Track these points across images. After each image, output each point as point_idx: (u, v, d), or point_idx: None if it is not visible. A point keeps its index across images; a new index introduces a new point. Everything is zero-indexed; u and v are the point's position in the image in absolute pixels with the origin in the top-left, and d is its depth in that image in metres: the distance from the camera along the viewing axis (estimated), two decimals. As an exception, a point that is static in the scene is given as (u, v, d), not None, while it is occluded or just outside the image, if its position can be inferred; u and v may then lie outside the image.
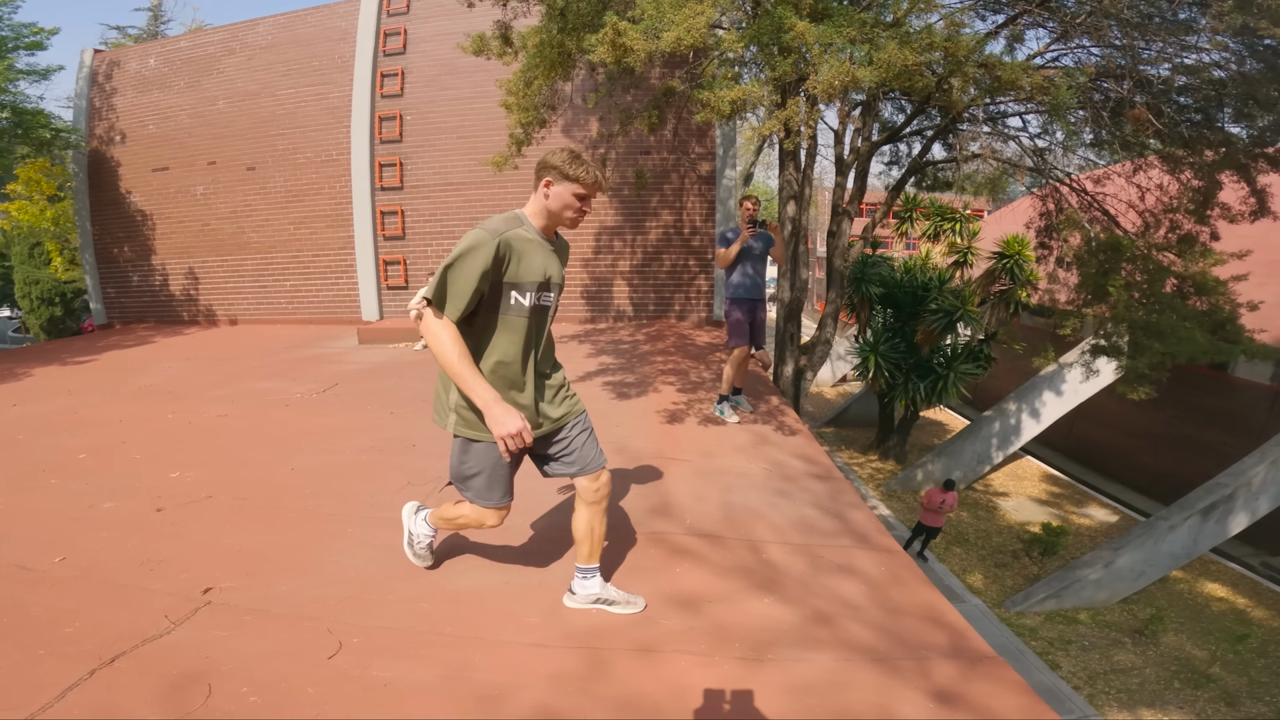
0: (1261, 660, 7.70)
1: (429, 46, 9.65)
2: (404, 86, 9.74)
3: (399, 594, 2.53)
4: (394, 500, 3.47)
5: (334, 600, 2.49)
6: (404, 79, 9.73)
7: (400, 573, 2.69)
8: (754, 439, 4.58)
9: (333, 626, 2.30)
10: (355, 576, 2.67)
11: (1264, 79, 4.52)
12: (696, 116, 4.61)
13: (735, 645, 2.23)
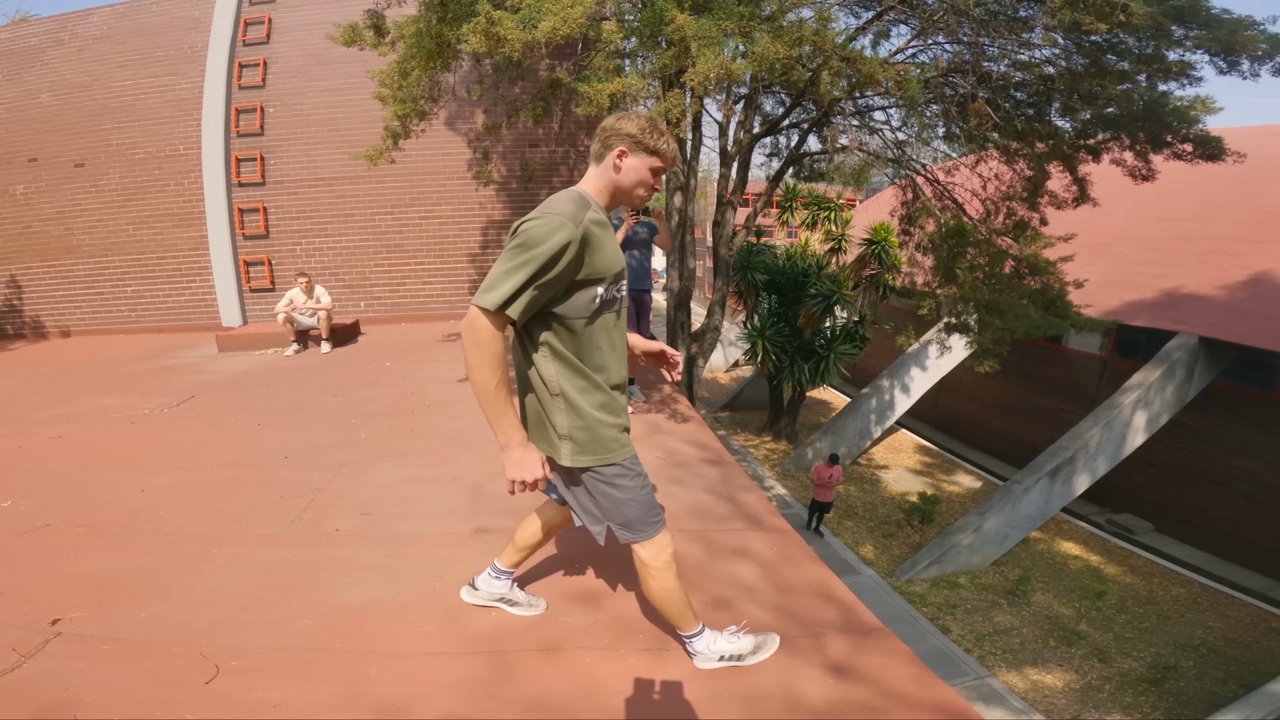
0: (1122, 616, 8.76)
1: (298, 36, 9.01)
2: (266, 77, 9.03)
3: (278, 613, 2.37)
4: (267, 517, 3.23)
5: (204, 624, 2.29)
6: (266, 70, 9.02)
7: (277, 591, 2.51)
8: (647, 428, 4.63)
9: (206, 650, 2.13)
10: (226, 599, 2.47)
11: (1087, 74, 5.10)
12: (577, 109, 4.58)
13: (639, 636, 2.24)
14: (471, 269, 9.35)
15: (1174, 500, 10.90)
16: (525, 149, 9.16)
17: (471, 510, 3.26)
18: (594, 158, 1.76)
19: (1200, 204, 11.72)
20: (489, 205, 9.29)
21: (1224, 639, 8.23)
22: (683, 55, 3.93)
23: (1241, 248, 10.64)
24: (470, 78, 7.42)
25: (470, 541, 2.94)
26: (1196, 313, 10.06)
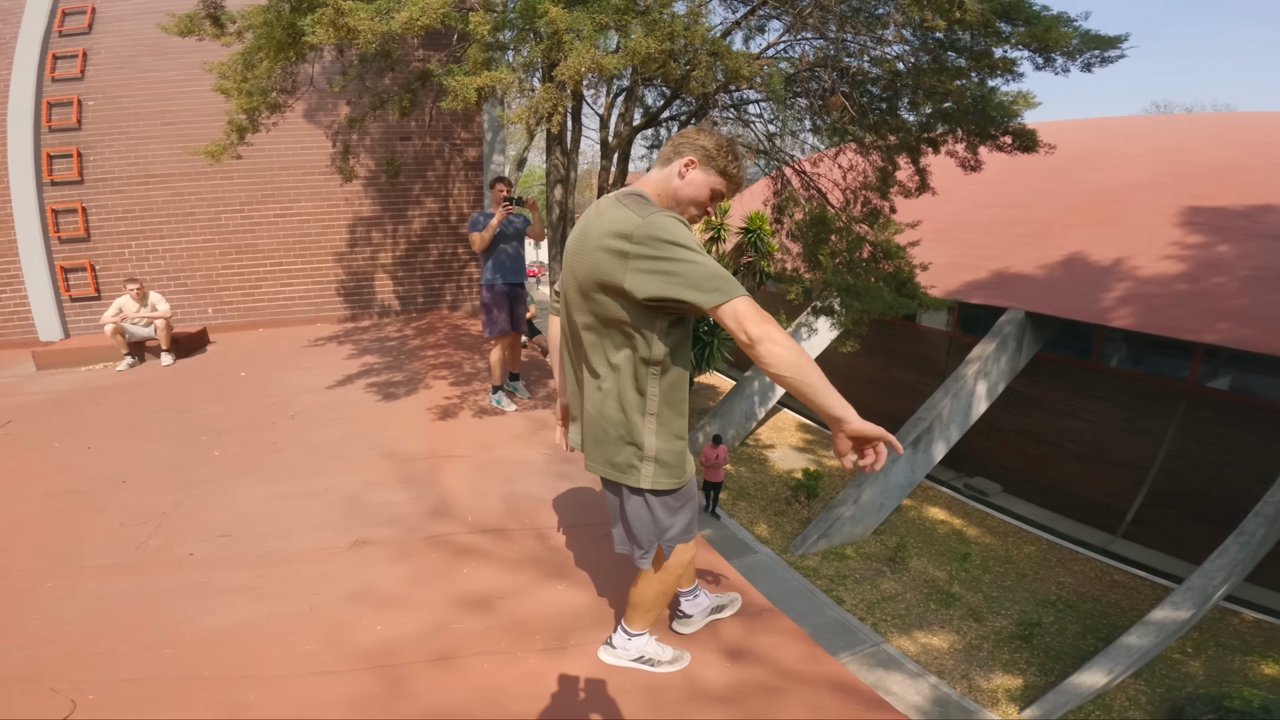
0: (987, 576, 9.65)
1: (127, 25, 8.08)
2: (85, 69, 8.03)
3: (133, 643, 2.17)
4: (106, 546, 2.90)
5: (50, 659, 2.09)
6: (86, 61, 8.02)
7: (128, 621, 2.30)
8: (533, 425, 4.56)
9: (57, 686, 1.94)
10: (70, 631, 2.25)
11: (930, 71, 5.56)
12: (442, 103, 4.39)
13: (536, 637, 2.21)
14: (339, 268, 8.76)
15: (1016, 462, 12.30)
16: (396, 142, 8.69)
17: (347, 523, 3.08)
18: (660, 160, 1.66)
19: (1023, 192, 13.22)
20: (355, 201, 8.74)
21: (1075, 594, 9.24)
22: (555, 49, 3.87)
23: (1057, 231, 12.14)
24: (334, 69, 6.95)
25: (348, 556, 2.78)
26: (1023, 290, 11.36)
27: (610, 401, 1.60)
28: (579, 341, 1.65)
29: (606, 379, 1.60)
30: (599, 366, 1.61)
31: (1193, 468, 10.06)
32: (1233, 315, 9.16)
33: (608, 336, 1.57)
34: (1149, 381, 10.57)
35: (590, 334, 1.60)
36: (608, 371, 1.60)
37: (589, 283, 1.53)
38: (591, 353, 1.61)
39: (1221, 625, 8.31)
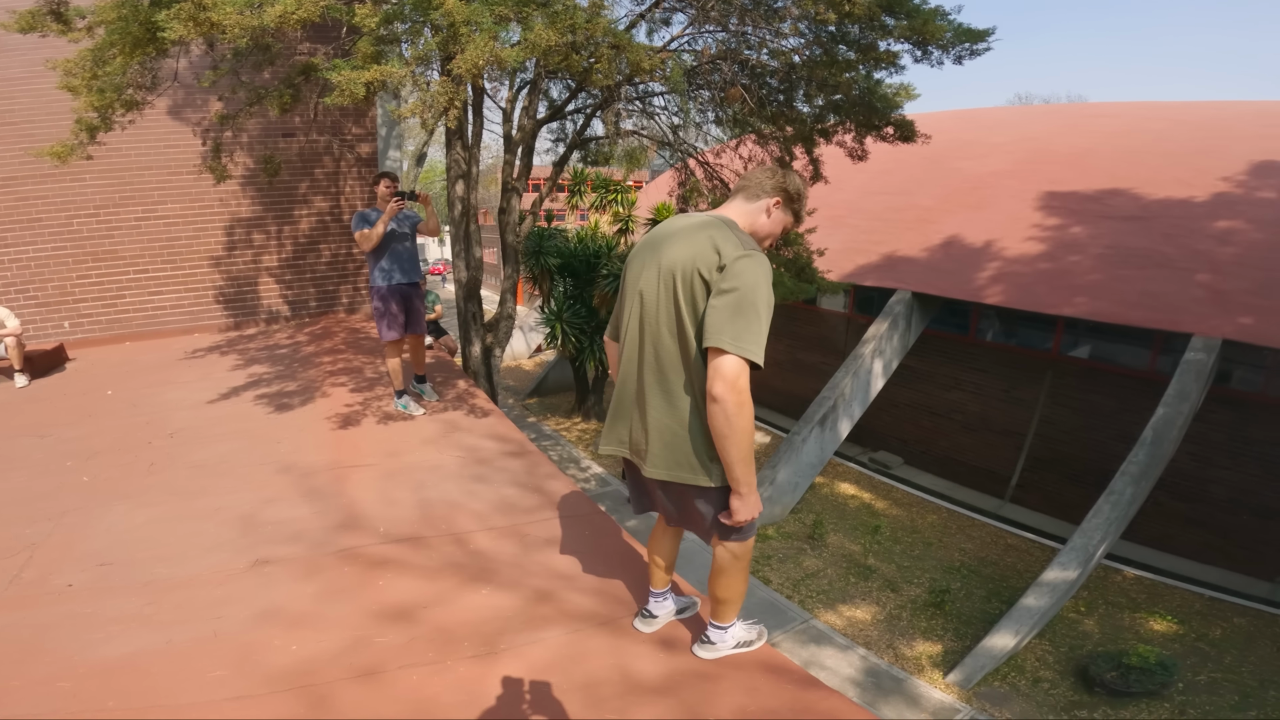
0: (897, 547, 10.18)
1: None
2: None
3: (21, 679, 1.99)
4: None
5: None
6: None
7: (13, 656, 2.11)
8: (443, 428, 4.41)
9: None
10: None
11: (823, 63, 5.78)
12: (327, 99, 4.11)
13: (464, 645, 2.14)
14: (216, 274, 8.07)
15: (912, 435, 13.17)
16: (278, 139, 8.08)
17: (244, 543, 2.86)
18: (745, 194, 1.81)
19: (906, 180, 14.11)
20: (232, 202, 8.07)
21: (976, 559, 9.96)
22: (452, 41, 3.70)
23: (936, 216, 13.04)
24: (205, 63, 6.38)
25: (249, 576, 2.58)
26: (909, 272, 12.14)
27: (674, 410, 1.72)
28: (651, 350, 1.74)
29: (672, 389, 1.72)
30: (680, 370, 1.70)
31: (1063, 432, 11.16)
32: (1089, 290, 10.19)
33: (680, 342, 1.68)
34: (1020, 353, 11.60)
35: (669, 341, 1.70)
36: (676, 382, 1.71)
37: (683, 296, 1.64)
38: (673, 366, 1.71)
39: (1106, 583, 9.23)
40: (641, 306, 1.76)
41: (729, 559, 1.89)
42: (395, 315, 4.44)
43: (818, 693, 1.93)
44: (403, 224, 4.45)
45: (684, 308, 1.64)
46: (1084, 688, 7.11)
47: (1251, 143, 11.36)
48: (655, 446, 1.77)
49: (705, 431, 1.68)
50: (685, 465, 1.74)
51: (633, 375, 1.82)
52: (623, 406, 1.87)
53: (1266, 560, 9.15)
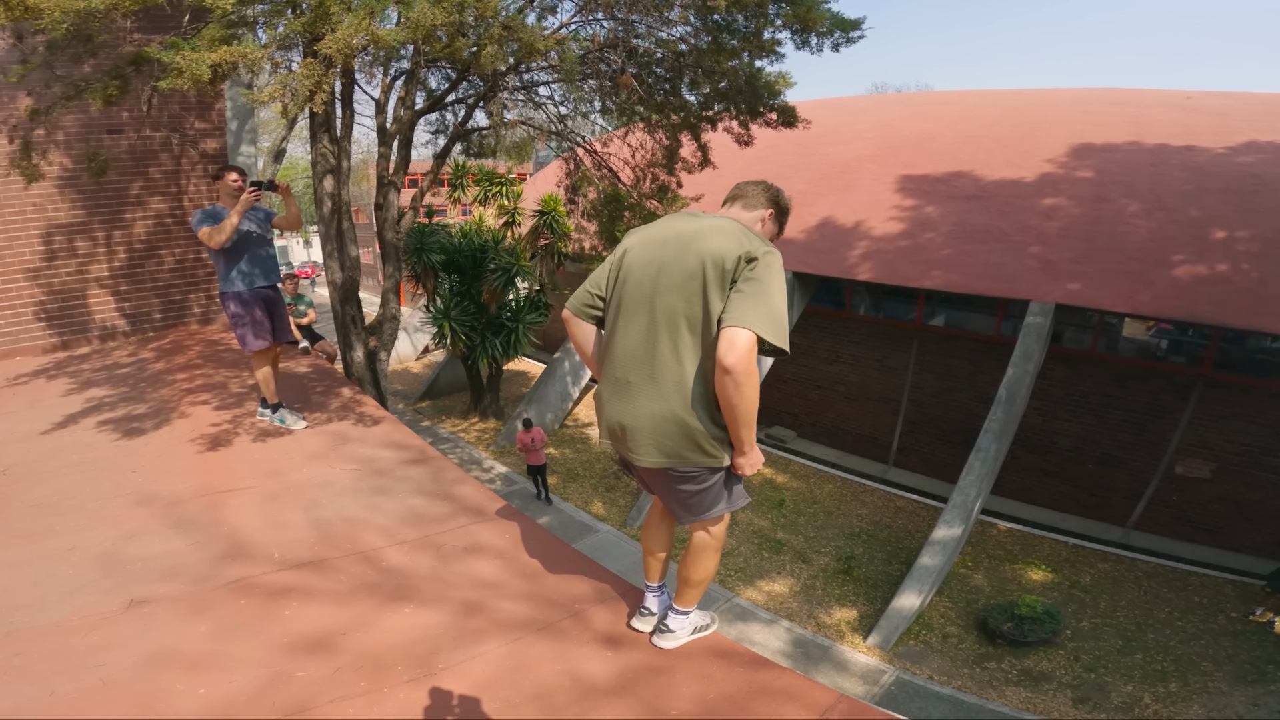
0: (801, 518, 10.62)
1: None
2: None
3: None
4: None
5: None
6: None
7: None
8: (331, 440, 4.07)
9: None
10: None
11: (710, 51, 5.86)
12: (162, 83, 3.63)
13: (397, 669, 1.97)
14: (35, 287, 6.96)
15: (802, 408, 13.91)
16: (103, 136, 7.06)
17: (110, 584, 2.48)
18: (743, 203, 1.92)
19: (780, 165, 14.78)
20: (49, 205, 6.97)
21: (872, 524, 10.65)
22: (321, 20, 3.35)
23: (811, 199, 13.78)
24: (11, 57, 5.44)
25: (126, 619, 2.25)
26: (789, 253, 12.76)
27: (688, 399, 1.72)
28: (665, 337, 1.73)
29: (685, 380, 1.73)
30: (689, 361, 1.72)
31: (930, 396, 12.22)
32: (942, 264, 11.19)
33: (703, 331, 1.69)
34: (889, 325, 12.56)
35: (687, 331, 1.71)
36: (688, 372, 1.73)
37: (714, 286, 1.67)
38: (683, 348, 1.72)
39: (985, 538, 10.19)
40: (654, 298, 1.74)
41: (707, 539, 1.94)
42: (260, 321, 4.00)
43: (770, 672, 1.95)
44: (258, 220, 3.98)
45: (714, 296, 1.67)
46: (987, 640, 7.86)
47: (1069, 127, 12.92)
48: (659, 438, 1.77)
49: (707, 418, 1.72)
50: (694, 452, 1.76)
51: (634, 364, 1.79)
52: (619, 395, 1.83)
53: (1114, 506, 10.56)
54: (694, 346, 1.71)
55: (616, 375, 1.84)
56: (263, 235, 4.02)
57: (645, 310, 1.76)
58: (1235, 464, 9.53)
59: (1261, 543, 9.41)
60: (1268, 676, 7.14)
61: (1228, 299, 8.78)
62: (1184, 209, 10.12)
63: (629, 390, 1.80)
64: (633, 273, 1.81)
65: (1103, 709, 6.85)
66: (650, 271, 1.77)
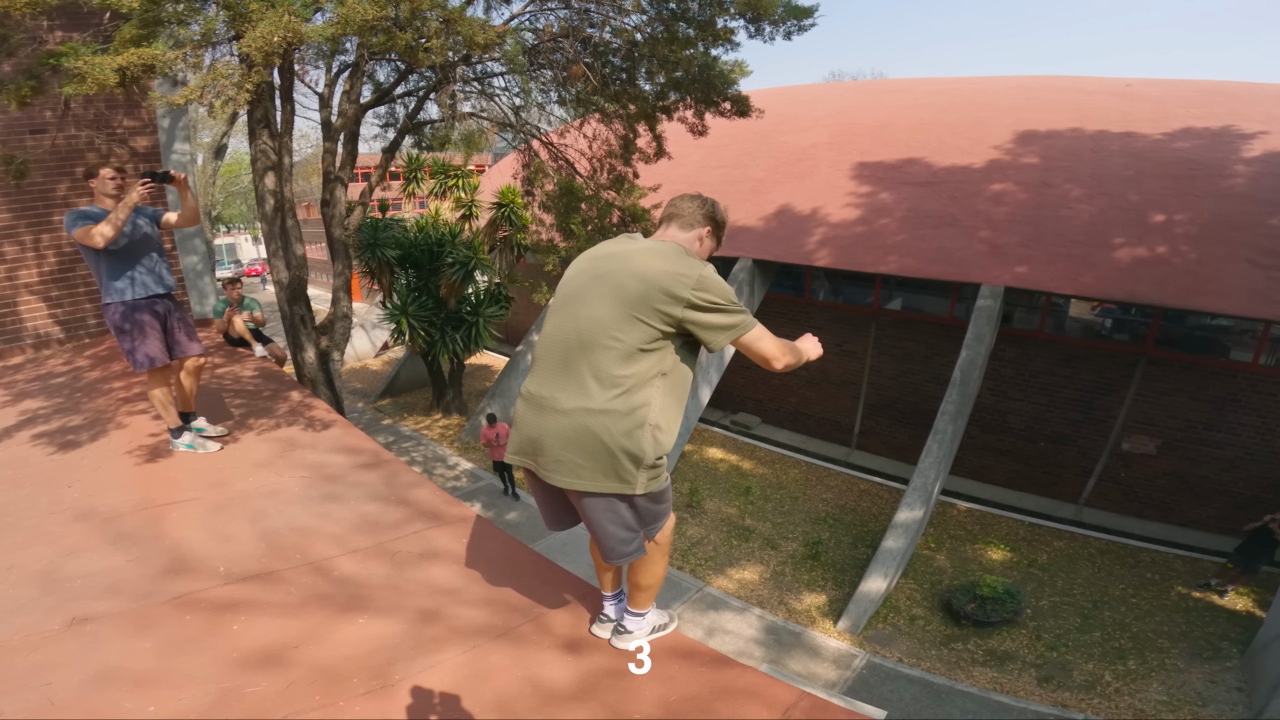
0: (769, 505, 10.67)
1: None
2: None
3: None
4: None
5: None
6: None
7: None
8: (278, 447, 3.95)
9: None
10: None
11: (665, 41, 5.81)
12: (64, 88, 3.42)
13: (352, 681, 1.92)
14: (-41, 295, 6.58)
15: (765, 394, 14.06)
16: (25, 135, 6.68)
17: (50, 602, 2.38)
18: (679, 223, 1.92)
19: (739, 154, 14.83)
20: (-32, 208, 6.58)
21: (837, 508, 10.79)
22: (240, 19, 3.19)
23: (768, 187, 13.88)
24: None
25: (69, 637, 2.16)
26: (748, 241, 12.86)
27: (612, 416, 1.67)
28: (583, 357, 1.70)
29: (607, 394, 1.67)
30: (604, 382, 1.68)
31: (888, 379, 12.48)
32: (897, 249, 11.41)
33: (630, 354, 1.68)
34: (848, 309, 12.77)
35: (613, 350, 1.68)
36: (611, 387, 1.67)
37: (638, 304, 1.67)
38: (599, 369, 1.68)
39: (945, 519, 10.44)
40: (580, 316, 1.73)
41: (653, 547, 1.90)
42: (146, 338, 3.58)
43: (732, 671, 1.95)
44: (145, 220, 3.59)
45: (643, 313, 1.67)
46: (952, 621, 8.06)
47: (1014, 114, 13.26)
48: (573, 455, 1.70)
49: (631, 440, 1.67)
50: (605, 475, 1.70)
51: (552, 383, 1.75)
52: (535, 416, 1.77)
53: (1066, 484, 10.96)
54: (613, 362, 1.68)
55: (531, 390, 1.81)
56: (151, 237, 3.62)
57: (567, 322, 1.76)
58: (1179, 440, 9.99)
59: (1207, 518, 9.89)
60: (1222, 653, 7.46)
61: (1167, 280, 9.16)
62: (1124, 194, 10.50)
63: (541, 406, 1.76)
64: (562, 287, 1.85)
65: (1066, 688, 7.08)
66: (577, 284, 1.79)
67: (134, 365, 3.63)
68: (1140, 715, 6.69)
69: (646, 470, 1.70)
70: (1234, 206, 9.64)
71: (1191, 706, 6.75)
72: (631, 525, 1.80)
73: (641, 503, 1.77)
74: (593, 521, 1.80)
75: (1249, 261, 8.94)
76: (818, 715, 1.78)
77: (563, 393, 1.72)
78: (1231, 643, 7.61)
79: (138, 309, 3.56)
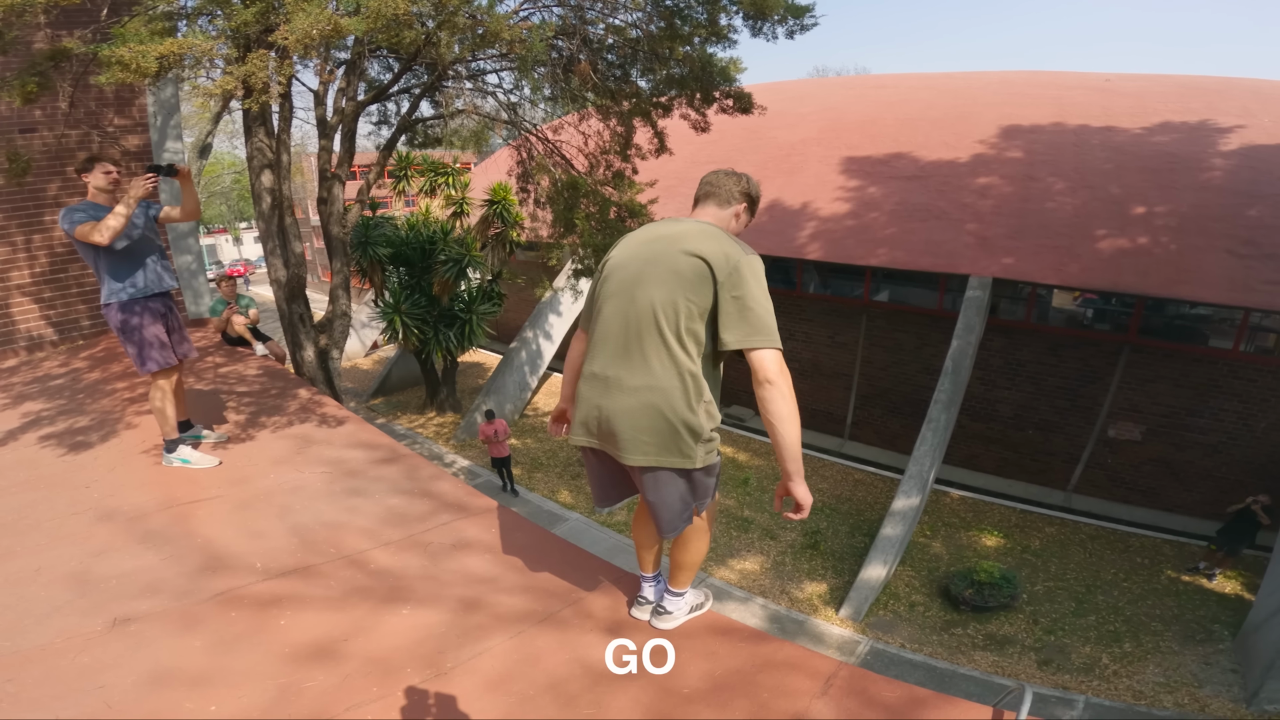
0: (765, 495, 10.67)
1: None
2: None
3: None
4: None
5: None
6: None
7: None
8: (294, 444, 3.96)
9: None
10: None
11: (663, 37, 5.84)
12: (100, 78, 3.39)
13: (407, 671, 1.96)
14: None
15: (753, 383, 14.16)
16: (14, 134, 6.58)
17: (87, 604, 2.38)
18: (716, 200, 1.96)
19: (729, 149, 14.91)
20: (-42, 207, 6.48)
21: (833, 497, 10.90)
22: (271, 12, 3.19)
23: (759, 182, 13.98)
24: None
25: (114, 638, 2.17)
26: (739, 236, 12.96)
27: (674, 393, 1.74)
28: (645, 332, 1.75)
29: (669, 371, 1.75)
30: (664, 360, 1.75)
31: (879, 370, 12.65)
32: (887, 242, 11.57)
33: (685, 333, 1.74)
34: (839, 302, 12.92)
35: (668, 331, 1.74)
36: (671, 364, 1.74)
37: (692, 284, 1.73)
38: (660, 348, 1.75)
39: (940, 506, 10.60)
40: (638, 299, 1.77)
41: (699, 522, 1.97)
42: (154, 339, 3.44)
43: (771, 645, 2.03)
44: (145, 216, 3.44)
45: (700, 293, 1.72)
46: (951, 606, 8.20)
47: (998, 109, 13.47)
48: (636, 434, 1.78)
49: (689, 417, 1.75)
50: (667, 451, 1.77)
51: (616, 363, 1.81)
52: (601, 395, 1.84)
53: (1054, 471, 11.19)
54: (674, 340, 1.74)
55: (595, 371, 1.86)
56: (150, 234, 3.46)
57: (626, 304, 1.80)
58: (1163, 426, 10.26)
59: (1193, 503, 10.16)
60: (1214, 635, 7.65)
61: (1148, 270, 9.39)
62: (1105, 186, 10.73)
63: (607, 385, 1.82)
64: (615, 271, 1.87)
65: (1066, 670, 7.23)
66: (633, 268, 1.82)
67: (140, 368, 3.49)
68: (1140, 697, 6.85)
69: (704, 444, 1.79)
70: (1212, 198, 9.90)
71: (1189, 688, 6.91)
72: (687, 498, 1.88)
73: (698, 476, 1.84)
74: (653, 494, 1.88)
75: (1228, 251, 9.20)
76: (857, 683, 1.86)
77: (627, 371, 1.78)
78: (1223, 625, 7.80)
79: (141, 308, 3.42)
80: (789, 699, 1.79)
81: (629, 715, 1.76)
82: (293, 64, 3.55)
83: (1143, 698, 6.83)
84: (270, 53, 3.33)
